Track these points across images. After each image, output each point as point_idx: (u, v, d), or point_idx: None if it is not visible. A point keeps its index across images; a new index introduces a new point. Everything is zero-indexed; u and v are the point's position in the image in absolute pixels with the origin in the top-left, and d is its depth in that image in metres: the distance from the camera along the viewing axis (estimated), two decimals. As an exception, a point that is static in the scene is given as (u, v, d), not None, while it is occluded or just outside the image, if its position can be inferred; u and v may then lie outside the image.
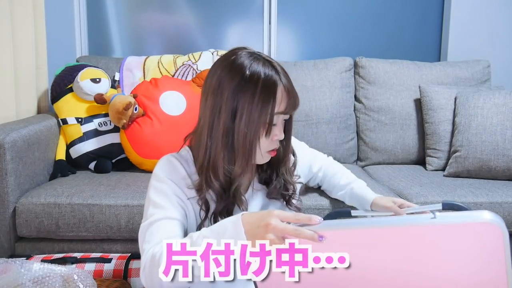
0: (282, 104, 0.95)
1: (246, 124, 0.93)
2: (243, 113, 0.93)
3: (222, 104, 0.94)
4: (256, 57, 0.97)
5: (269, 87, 0.93)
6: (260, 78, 0.93)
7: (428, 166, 2.01)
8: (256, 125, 0.93)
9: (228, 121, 0.94)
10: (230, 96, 0.93)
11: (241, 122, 0.93)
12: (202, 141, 0.98)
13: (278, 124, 0.97)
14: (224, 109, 0.94)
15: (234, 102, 0.93)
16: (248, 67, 0.94)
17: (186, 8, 2.46)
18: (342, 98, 2.15)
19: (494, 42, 2.43)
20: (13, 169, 1.54)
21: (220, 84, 0.95)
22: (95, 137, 1.90)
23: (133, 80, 2.06)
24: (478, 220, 0.76)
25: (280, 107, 0.95)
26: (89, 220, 1.53)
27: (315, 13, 2.46)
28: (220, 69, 0.97)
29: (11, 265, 1.14)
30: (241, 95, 0.93)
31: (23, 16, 1.92)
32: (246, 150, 0.95)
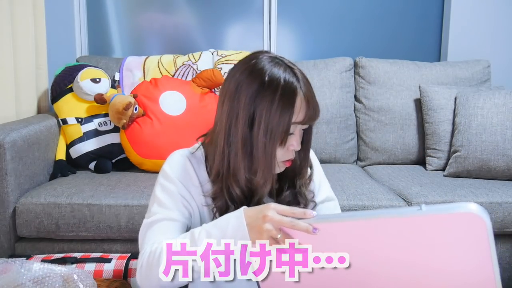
0: (301, 114, 0.91)
1: (265, 133, 0.89)
2: (261, 121, 0.89)
3: (240, 110, 0.90)
4: (278, 62, 0.92)
5: (288, 94, 0.89)
6: (280, 85, 0.89)
7: (428, 166, 2.01)
8: (274, 134, 0.89)
9: (246, 128, 0.90)
10: (248, 101, 0.89)
11: (260, 130, 0.89)
12: (218, 147, 0.94)
13: (296, 134, 0.93)
14: (242, 115, 0.90)
15: (251, 108, 0.89)
16: (268, 72, 0.90)
17: (186, 8, 2.46)
18: (342, 98, 2.15)
19: (494, 42, 2.43)
20: (13, 169, 1.54)
21: (238, 88, 0.91)
22: (95, 137, 1.90)
23: (133, 80, 2.06)
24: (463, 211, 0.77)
25: (298, 116, 0.90)
26: (89, 220, 1.53)
27: (315, 13, 2.46)
28: (240, 72, 0.93)
29: (11, 265, 1.14)
30: (258, 101, 0.89)
31: (23, 16, 1.92)
32: (267, 160, 0.91)
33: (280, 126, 0.89)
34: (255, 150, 0.91)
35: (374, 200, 1.58)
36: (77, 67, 1.97)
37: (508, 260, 1.67)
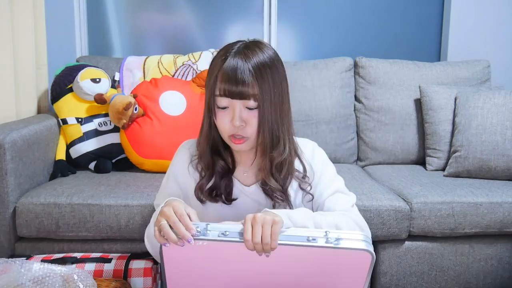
0: (221, 87, 1.00)
1: (205, 97, 1.06)
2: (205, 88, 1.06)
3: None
4: (235, 42, 1.06)
5: (211, 70, 1.04)
6: (211, 63, 1.05)
7: (428, 166, 2.01)
8: (208, 100, 1.04)
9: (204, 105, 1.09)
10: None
11: (206, 97, 1.06)
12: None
13: (232, 108, 1.02)
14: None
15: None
16: (217, 52, 1.06)
17: (186, 8, 2.46)
18: (342, 98, 2.15)
19: (494, 42, 2.43)
20: (13, 169, 1.54)
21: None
22: (95, 137, 1.90)
23: (133, 80, 2.06)
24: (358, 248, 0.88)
25: (219, 90, 1.01)
26: (89, 220, 1.53)
27: (315, 13, 2.46)
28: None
29: (11, 265, 1.13)
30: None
31: (23, 16, 1.92)
32: (204, 127, 1.09)
33: (207, 97, 1.04)
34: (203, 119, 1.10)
35: (374, 200, 1.58)
36: (77, 67, 1.97)
37: (508, 260, 1.67)
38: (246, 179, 1.14)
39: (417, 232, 1.61)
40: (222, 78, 1.00)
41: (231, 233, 0.88)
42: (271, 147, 1.06)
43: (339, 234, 0.89)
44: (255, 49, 1.03)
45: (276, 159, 1.07)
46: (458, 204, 1.60)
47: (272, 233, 0.86)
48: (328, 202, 1.11)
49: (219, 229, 0.89)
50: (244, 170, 1.15)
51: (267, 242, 0.86)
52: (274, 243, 0.87)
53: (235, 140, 1.04)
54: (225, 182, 1.12)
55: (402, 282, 1.65)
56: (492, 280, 1.68)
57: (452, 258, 1.65)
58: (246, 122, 1.02)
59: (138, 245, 1.58)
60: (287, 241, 0.88)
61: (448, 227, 1.60)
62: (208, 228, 0.89)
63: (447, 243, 1.64)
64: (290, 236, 0.89)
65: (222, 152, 1.12)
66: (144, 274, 1.41)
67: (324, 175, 1.15)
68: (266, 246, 0.86)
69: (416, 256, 1.63)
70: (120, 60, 2.14)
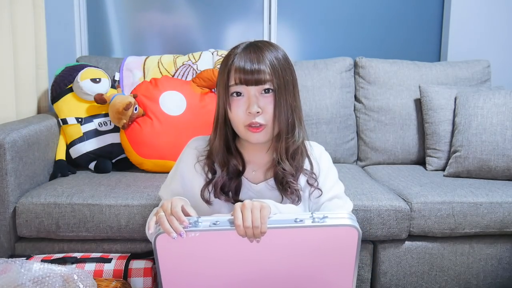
0: (235, 76, 1.03)
1: (217, 95, 1.09)
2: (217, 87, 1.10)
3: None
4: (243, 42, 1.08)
5: (225, 61, 1.06)
6: (224, 57, 1.08)
7: (428, 166, 2.01)
8: (221, 96, 1.06)
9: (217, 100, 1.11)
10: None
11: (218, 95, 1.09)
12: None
13: (246, 96, 1.04)
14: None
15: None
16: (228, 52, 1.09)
17: (186, 8, 2.46)
18: (342, 98, 2.15)
19: (494, 42, 2.43)
20: (13, 169, 1.54)
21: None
22: (95, 137, 1.90)
23: (133, 80, 2.06)
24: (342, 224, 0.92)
25: (233, 79, 1.03)
26: (89, 220, 1.53)
27: (315, 13, 2.46)
28: None
29: (11, 265, 1.14)
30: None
31: (23, 16, 1.92)
32: (218, 119, 1.10)
33: (221, 91, 1.06)
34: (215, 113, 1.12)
35: (374, 200, 1.58)
36: (77, 67, 1.97)
37: (508, 260, 1.67)
38: (254, 177, 1.15)
39: (417, 232, 1.61)
40: (236, 68, 1.03)
41: (221, 222, 0.93)
42: (287, 132, 1.08)
43: (324, 214, 0.93)
44: (266, 44, 1.07)
45: (291, 146, 1.09)
46: (458, 204, 1.60)
47: (261, 217, 0.90)
48: (325, 207, 1.14)
49: (210, 220, 0.93)
50: (253, 168, 1.15)
51: (257, 225, 0.89)
52: (264, 226, 0.90)
53: (253, 129, 1.05)
54: (235, 182, 1.13)
55: (402, 282, 1.65)
56: (492, 280, 1.68)
57: (452, 258, 1.65)
58: (263, 108, 1.04)
59: (138, 245, 1.58)
60: (275, 224, 0.92)
61: (448, 227, 1.60)
62: (199, 220, 0.94)
63: (447, 243, 1.64)
64: (278, 220, 0.93)
65: (233, 151, 1.13)
66: (144, 274, 1.41)
67: (327, 179, 1.17)
68: (256, 230, 0.90)
69: (416, 256, 1.63)
70: (120, 60, 2.14)
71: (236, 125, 1.07)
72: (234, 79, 1.03)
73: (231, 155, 1.12)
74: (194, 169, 1.14)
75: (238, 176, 1.13)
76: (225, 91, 1.05)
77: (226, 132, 1.11)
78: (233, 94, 1.04)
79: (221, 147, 1.11)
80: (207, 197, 1.13)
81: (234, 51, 1.06)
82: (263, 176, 1.15)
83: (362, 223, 1.56)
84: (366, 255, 1.63)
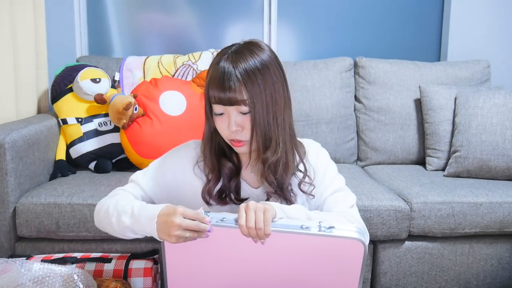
0: (214, 95, 1.02)
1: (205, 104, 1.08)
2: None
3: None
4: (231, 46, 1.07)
5: (208, 73, 1.05)
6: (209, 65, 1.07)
7: (428, 166, 2.01)
8: (207, 108, 1.07)
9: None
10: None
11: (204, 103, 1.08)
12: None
13: (227, 114, 1.03)
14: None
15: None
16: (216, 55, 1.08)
17: (186, 8, 2.46)
18: (342, 98, 2.15)
19: (494, 42, 2.43)
20: (13, 169, 1.54)
21: None
22: (95, 137, 1.90)
23: (133, 80, 2.06)
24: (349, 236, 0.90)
25: (212, 98, 1.03)
26: (89, 220, 1.53)
27: (315, 13, 2.46)
28: None
29: (11, 265, 1.14)
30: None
31: (23, 16, 1.92)
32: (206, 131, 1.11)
33: (206, 103, 1.06)
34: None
35: (374, 200, 1.58)
36: (77, 67, 1.97)
37: (508, 260, 1.67)
38: (253, 180, 1.15)
39: (417, 232, 1.61)
40: (212, 85, 1.02)
41: (228, 219, 0.94)
42: (264, 149, 1.06)
43: (331, 224, 0.92)
44: (245, 53, 1.02)
45: (269, 159, 1.07)
46: (458, 204, 1.60)
47: (265, 219, 0.91)
48: (328, 202, 1.13)
49: (217, 217, 0.95)
50: (251, 170, 1.15)
51: (260, 226, 0.90)
52: (267, 228, 0.91)
53: (235, 143, 1.06)
54: (234, 183, 1.13)
55: (402, 282, 1.65)
56: (492, 280, 1.69)
57: (452, 258, 1.65)
58: (242, 126, 1.04)
59: (138, 245, 1.58)
60: (281, 228, 0.92)
61: (448, 227, 1.60)
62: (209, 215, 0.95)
63: (447, 243, 1.64)
64: (284, 225, 0.93)
65: (227, 153, 1.13)
66: (144, 274, 1.41)
67: (326, 175, 1.15)
68: (259, 231, 0.91)
69: (416, 256, 1.64)
70: (120, 60, 2.14)
71: (223, 136, 1.08)
72: (212, 97, 1.03)
73: (224, 158, 1.12)
74: (193, 172, 1.14)
75: (237, 176, 1.13)
76: (208, 105, 1.06)
77: (214, 137, 1.11)
78: (216, 113, 1.05)
79: (211, 154, 1.11)
80: (207, 199, 1.13)
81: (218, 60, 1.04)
82: (260, 180, 1.14)
83: (362, 223, 1.56)
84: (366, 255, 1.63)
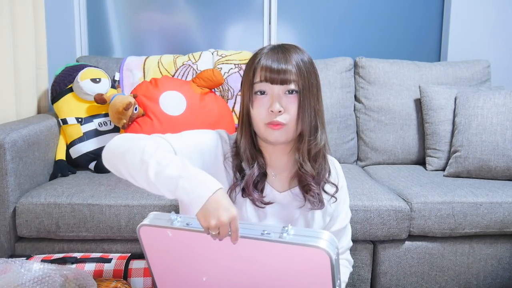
0: (260, 74, 1.03)
1: (242, 94, 1.08)
2: (241, 85, 1.09)
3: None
4: (269, 44, 1.09)
5: (251, 60, 1.07)
6: (249, 60, 1.08)
7: (428, 166, 2.01)
8: (245, 93, 1.07)
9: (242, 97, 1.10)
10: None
11: (242, 94, 1.09)
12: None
13: (269, 95, 1.03)
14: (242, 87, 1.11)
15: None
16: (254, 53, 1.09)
17: (186, 8, 2.46)
18: (342, 98, 2.15)
19: (494, 42, 2.43)
20: (13, 169, 1.54)
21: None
22: (95, 137, 1.90)
23: (133, 80, 2.06)
24: (313, 245, 0.84)
25: (258, 77, 1.03)
26: (89, 220, 1.53)
27: (315, 13, 2.46)
28: None
29: (11, 265, 1.14)
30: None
31: (23, 16, 1.92)
32: (243, 118, 1.08)
33: (245, 85, 1.06)
34: (240, 112, 1.10)
35: (374, 200, 1.58)
36: (77, 67, 1.97)
37: (508, 260, 1.67)
38: (278, 184, 1.13)
39: (417, 232, 1.61)
40: (263, 66, 1.03)
41: (194, 223, 0.91)
42: (309, 134, 1.06)
43: (297, 231, 0.87)
44: (293, 46, 1.07)
45: (313, 148, 1.08)
46: (458, 204, 1.60)
47: (232, 231, 0.85)
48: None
49: (186, 221, 0.93)
50: (273, 172, 1.13)
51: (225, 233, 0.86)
52: (234, 235, 0.86)
53: (273, 126, 1.03)
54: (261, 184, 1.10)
55: (402, 282, 1.65)
56: (492, 280, 1.68)
57: (452, 258, 1.65)
58: (285, 108, 1.03)
59: (138, 245, 1.58)
60: (242, 233, 0.87)
61: (448, 227, 1.60)
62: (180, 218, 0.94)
63: (447, 243, 1.64)
64: (246, 229, 0.88)
65: (258, 150, 1.11)
66: (144, 274, 1.41)
67: (343, 203, 1.21)
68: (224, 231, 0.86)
69: (416, 256, 1.63)
70: (120, 60, 2.14)
71: (257, 123, 1.06)
72: (260, 77, 1.03)
73: (258, 152, 1.11)
74: (223, 165, 1.10)
75: (264, 176, 1.11)
76: (250, 88, 1.05)
77: (250, 130, 1.09)
78: (257, 92, 1.04)
79: (248, 144, 1.09)
80: (233, 198, 1.09)
81: (261, 51, 1.06)
82: (287, 184, 1.13)
83: (362, 223, 1.56)
84: (366, 255, 1.63)
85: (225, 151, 1.10)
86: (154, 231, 0.94)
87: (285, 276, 0.91)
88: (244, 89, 1.07)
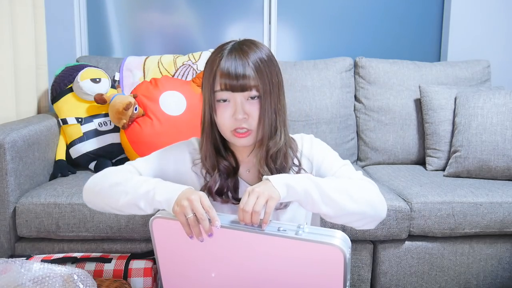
0: (221, 82, 1.02)
1: (203, 98, 1.07)
2: (202, 89, 1.08)
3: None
4: (228, 42, 1.07)
5: (210, 62, 1.05)
6: (207, 61, 1.06)
7: (428, 166, 2.01)
8: (207, 100, 1.05)
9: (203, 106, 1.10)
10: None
11: (203, 99, 1.08)
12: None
13: (232, 102, 1.03)
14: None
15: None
16: (212, 53, 1.08)
17: (186, 8, 2.46)
18: (342, 98, 2.15)
19: (494, 42, 2.43)
20: (13, 169, 1.54)
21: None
22: (95, 137, 1.90)
23: (133, 80, 2.06)
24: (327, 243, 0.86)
25: (219, 85, 1.02)
26: (89, 220, 1.53)
27: (315, 13, 2.46)
28: None
29: (11, 265, 1.14)
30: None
31: (23, 16, 1.92)
32: (204, 124, 1.09)
33: (206, 96, 1.05)
34: (202, 120, 1.10)
35: (374, 200, 1.58)
36: (77, 67, 1.97)
37: (508, 260, 1.67)
38: (250, 178, 1.15)
39: (417, 232, 1.61)
40: (222, 73, 1.01)
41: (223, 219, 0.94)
42: (268, 138, 1.07)
43: (311, 229, 0.89)
44: (250, 46, 1.05)
45: (271, 149, 1.08)
46: (458, 204, 1.60)
47: (267, 206, 0.90)
48: (339, 173, 1.11)
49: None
50: (247, 168, 1.15)
51: (257, 210, 0.89)
52: (266, 216, 0.90)
53: (239, 134, 1.04)
54: (232, 182, 1.12)
55: (402, 282, 1.65)
56: (492, 280, 1.69)
57: (452, 258, 1.65)
58: (249, 114, 1.03)
59: (138, 245, 1.58)
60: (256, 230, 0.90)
61: (448, 227, 1.60)
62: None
63: (447, 243, 1.64)
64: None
65: (223, 152, 1.12)
66: (144, 274, 1.41)
67: (326, 158, 1.15)
68: (255, 215, 0.90)
69: (416, 256, 1.64)
70: (120, 60, 2.14)
71: (222, 130, 1.07)
72: (220, 85, 1.02)
73: (221, 157, 1.11)
74: (192, 171, 1.14)
75: (234, 175, 1.13)
76: (211, 96, 1.04)
77: (214, 134, 1.10)
78: (220, 100, 1.03)
79: (210, 151, 1.10)
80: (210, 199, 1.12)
81: (220, 53, 1.04)
82: (257, 178, 1.14)
83: (362, 223, 1.56)
84: (366, 255, 1.63)
85: (194, 157, 1.14)
86: (167, 224, 0.96)
87: (296, 273, 0.93)
88: (205, 94, 1.06)
